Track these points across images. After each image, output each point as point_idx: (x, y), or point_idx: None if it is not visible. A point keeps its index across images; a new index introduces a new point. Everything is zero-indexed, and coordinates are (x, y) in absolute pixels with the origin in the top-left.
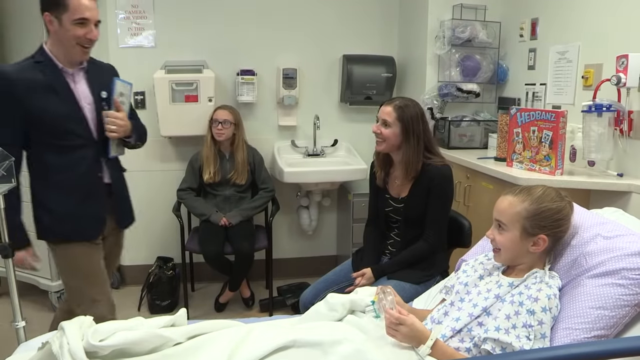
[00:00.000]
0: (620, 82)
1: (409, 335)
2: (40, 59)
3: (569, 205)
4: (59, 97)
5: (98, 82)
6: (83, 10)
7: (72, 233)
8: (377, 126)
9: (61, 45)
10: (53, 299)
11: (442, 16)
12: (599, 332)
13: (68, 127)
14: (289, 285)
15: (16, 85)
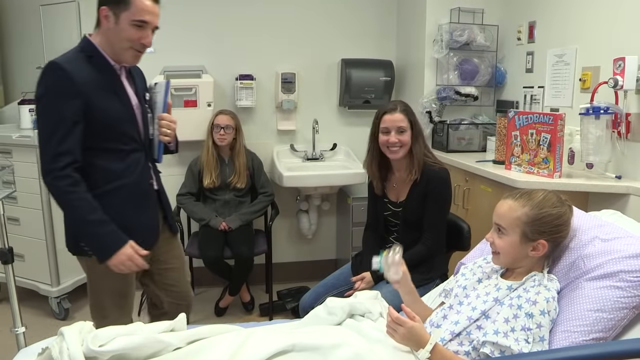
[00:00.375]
0: (617, 84)
1: (406, 337)
2: (91, 53)
3: (569, 209)
4: (117, 96)
5: (138, 82)
6: (145, 13)
7: None
8: (394, 136)
9: (112, 44)
10: (53, 305)
11: (440, 20)
12: (597, 334)
13: (124, 130)
14: (288, 289)
15: (78, 82)
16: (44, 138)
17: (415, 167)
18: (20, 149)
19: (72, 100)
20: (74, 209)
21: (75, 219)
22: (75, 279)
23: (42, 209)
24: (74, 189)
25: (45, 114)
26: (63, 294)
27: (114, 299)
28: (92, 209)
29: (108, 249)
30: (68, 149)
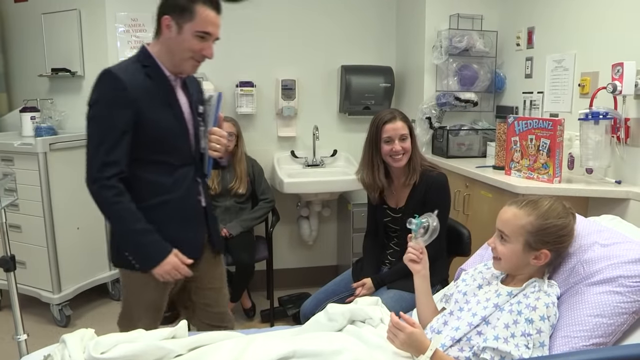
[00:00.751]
0: (616, 90)
1: (406, 342)
2: (147, 63)
3: (573, 219)
4: (170, 108)
5: (193, 93)
6: (208, 24)
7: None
8: (398, 144)
9: (172, 53)
10: (55, 312)
11: (439, 26)
12: (597, 339)
13: (174, 143)
14: (289, 295)
15: (131, 92)
16: (93, 146)
17: (413, 172)
18: (21, 156)
19: (124, 109)
20: (119, 219)
21: (120, 228)
22: (77, 285)
23: (43, 216)
24: (119, 199)
25: (95, 122)
26: (64, 301)
27: (148, 312)
28: (137, 218)
29: (153, 258)
30: (116, 159)
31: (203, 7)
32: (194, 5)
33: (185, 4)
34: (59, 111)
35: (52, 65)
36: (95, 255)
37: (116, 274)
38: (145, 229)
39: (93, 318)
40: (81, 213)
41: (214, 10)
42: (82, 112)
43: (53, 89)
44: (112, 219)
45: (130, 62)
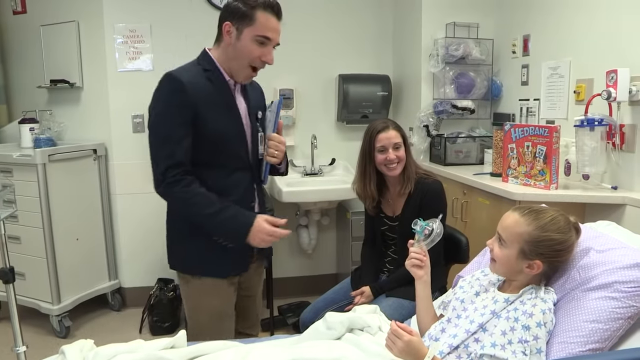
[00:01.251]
0: (610, 96)
1: (404, 350)
2: (208, 67)
3: (575, 234)
4: (229, 112)
5: (252, 99)
6: (268, 29)
7: (223, 268)
8: (392, 153)
9: (231, 60)
10: (54, 323)
11: (435, 34)
12: (593, 345)
13: (231, 147)
14: (289, 304)
15: (193, 95)
16: (155, 148)
17: (408, 181)
18: (20, 167)
19: (184, 110)
20: (193, 207)
21: (198, 217)
22: (76, 296)
23: (42, 227)
24: (187, 188)
25: (157, 124)
26: (64, 312)
27: (213, 321)
28: (210, 202)
29: (238, 232)
30: (179, 161)
31: (263, 12)
32: (254, 11)
33: (246, 10)
34: (57, 122)
35: (51, 77)
36: (94, 266)
37: (115, 284)
38: (220, 208)
39: (93, 329)
40: (80, 224)
41: (275, 16)
42: (81, 123)
43: (52, 101)
44: (189, 212)
45: (191, 65)
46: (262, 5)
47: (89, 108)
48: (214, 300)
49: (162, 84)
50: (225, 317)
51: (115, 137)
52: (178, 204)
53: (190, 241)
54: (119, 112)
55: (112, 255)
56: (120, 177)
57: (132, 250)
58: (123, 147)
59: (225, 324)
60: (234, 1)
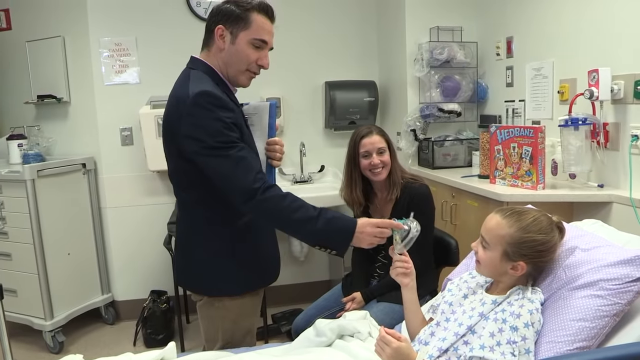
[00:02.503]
0: (593, 95)
1: (393, 356)
2: (216, 80)
3: (558, 235)
4: (247, 124)
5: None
6: (264, 32)
7: (257, 281)
8: (376, 157)
9: (227, 66)
10: (47, 339)
11: (419, 39)
12: (581, 343)
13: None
14: (283, 312)
15: (236, 112)
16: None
17: (394, 186)
18: (9, 184)
19: (234, 127)
20: (298, 210)
21: (300, 221)
22: (69, 311)
23: (33, 243)
24: (282, 192)
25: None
26: (57, 328)
27: (247, 338)
28: (308, 205)
29: (345, 232)
30: (259, 169)
31: (258, 15)
32: (249, 13)
33: (240, 12)
34: (46, 137)
35: (38, 92)
36: (87, 280)
37: (108, 297)
38: (321, 209)
39: (87, 343)
40: (71, 238)
41: (269, 19)
42: (70, 138)
43: (40, 116)
44: (289, 217)
45: (205, 79)
46: (257, 7)
47: (77, 122)
48: (252, 318)
49: (202, 104)
50: (251, 333)
51: (104, 150)
52: (277, 209)
53: (236, 257)
54: (107, 125)
55: (105, 268)
56: (110, 191)
57: (124, 263)
58: (112, 160)
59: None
60: (226, 3)
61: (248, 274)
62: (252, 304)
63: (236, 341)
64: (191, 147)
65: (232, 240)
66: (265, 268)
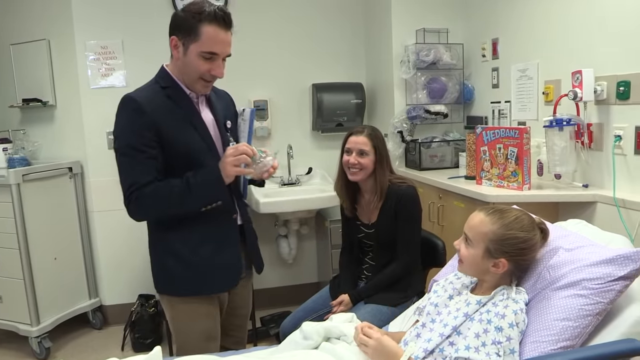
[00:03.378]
0: (577, 96)
1: (377, 349)
2: (166, 84)
3: (540, 234)
4: (194, 127)
5: (219, 109)
6: (214, 44)
7: (207, 286)
8: (354, 157)
9: (183, 74)
10: (33, 345)
11: (406, 41)
12: (564, 343)
13: (202, 161)
14: (272, 315)
15: (152, 115)
16: (123, 175)
17: (378, 193)
18: None
19: (145, 132)
20: (165, 198)
21: (174, 202)
22: (56, 316)
23: (19, 248)
24: (146, 190)
25: (120, 150)
26: (44, 333)
27: (201, 342)
28: (169, 187)
29: (211, 182)
30: (135, 180)
31: (210, 25)
32: (200, 25)
33: (191, 24)
34: (31, 141)
35: (23, 96)
36: (74, 284)
37: (96, 302)
38: (186, 183)
39: (74, 349)
40: (58, 243)
41: (222, 28)
42: (56, 142)
43: (25, 120)
44: (162, 206)
45: (149, 84)
46: (207, 18)
47: (63, 126)
48: (206, 323)
49: (120, 107)
50: (211, 338)
51: (90, 154)
52: (149, 207)
53: (174, 261)
54: (94, 129)
55: (92, 273)
56: (97, 195)
57: (111, 267)
58: (99, 164)
59: (212, 344)
60: (181, 12)
61: (196, 278)
62: (206, 308)
63: (193, 345)
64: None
65: (179, 243)
66: (216, 274)
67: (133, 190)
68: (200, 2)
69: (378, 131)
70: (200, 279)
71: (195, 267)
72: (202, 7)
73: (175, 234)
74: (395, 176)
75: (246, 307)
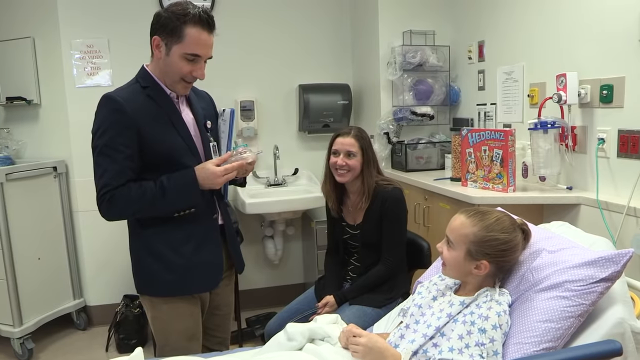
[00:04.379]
0: (561, 99)
1: (368, 346)
2: (146, 84)
3: (521, 235)
4: (175, 127)
5: (199, 109)
6: (197, 46)
7: (188, 286)
8: (342, 159)
9: (164, 74)
10: (15, 346)
11: (392, 42)
12: (547, 344)
13: (182, 161)
14: (257, 315)
15: (132, 115)
16: (98, 174)
17: (365, 194)
18: None
19: (124, 132)
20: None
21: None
22: (39, 317)
23: (1, 248)
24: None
25: (98, 149)
26: (26, 334)
27: (182, 342)
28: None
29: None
30: (108, 182)
31: (193, 27)
32: (184, 26)
33: (175, 25)
34: (15, 140)
35: (7, 94)
36: (58, 285)
37: (80, 302)
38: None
39: (58, 350)
40: (42, 243)
41: (206, 30)
42: (41, 141)
43: (9, 118)
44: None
45: (130, 84)
46: (191, 20)
47: (48, 125)
48: (187, 322)
49: (99, 107)
50: (193, 338)
51: (75, 153)
52: (121, 209)
53: (155, 261)
54: (79, 128)
55: (76, 273)
56: (82, 194)
57: (96, 267)
58: (84, 163)
59: (194, 344)
60: (165, 12)
61: (177, 278)
62: (186, 308)
63: (174, 345)
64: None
65: (159, 243)
66: (196, 274)
67: (106, 191)
68: (184, 2)
69: (364, 132)
70: (181, 279)
71: (175, 267)
72: (186, 9)
73: (155, 234)
74: (382, 177)
75: (228, 307)
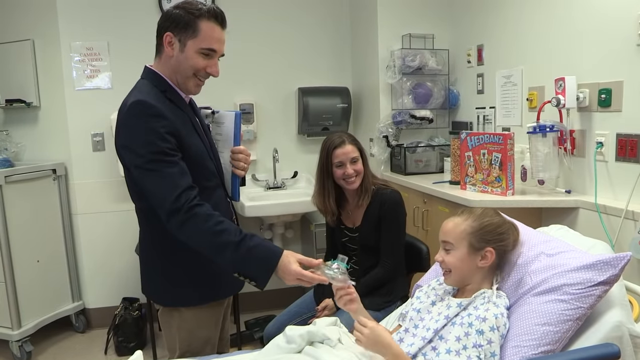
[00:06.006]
0: (559, 103)
1: (370, 337)
2: (163, 87)
3: (508, 222)
4: (195, 130)
5: (198, 112)
6: (213, 41)
7: (216, 291)
8: (350, 167)
9: (175, 72)
10: (14, 349)
11: (392, 46)
12: (545, 347)
13: (207, 165)
14: (256, 318)
15: (172, 119)
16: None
17: (366, 193)
18: None
19: (169, 137)
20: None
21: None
22: (38, 320)
23: (0, 251)
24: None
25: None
26: (25, 337)
27: (202, 346)
28: (235, 228)
29: (263, 266)
30: (189, 185)
31: (207, 22)
32: (198, 21)
33: (189, 19)
34: (15, 143)
35: (6, 96)
36: (57, 287)
37: (79, 305)
38: (245, 234)
39: (56, 352)
40: (41, 245)
41: (219, 25)
42: (40, 143)
43: (8, 120)
44: (211, 240)
45: (148, 88)
46: (206, 14)
47: (47, 127)
48: (210, 331)
49: (134, 114)
50: (214, 346)
51: (75, 156)
52: (197, 231)
53: (184, 274)
54: (78, 131)
55: (75, 276)
56: (81, 197)
57: (95, 270)
58: (83, 166)
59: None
60: (176, 9)
61: (202, 285)
62: (211, 315)
63: (194, 350)
64: (127, 158)
65: (184, 251)
66: (221, 281)
67: (187, 199)
68: (193, 1)
69: (352, 134)
70: (211, 286)
71: (205, 274)
72: (198, 4)
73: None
74: (378, 179)
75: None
